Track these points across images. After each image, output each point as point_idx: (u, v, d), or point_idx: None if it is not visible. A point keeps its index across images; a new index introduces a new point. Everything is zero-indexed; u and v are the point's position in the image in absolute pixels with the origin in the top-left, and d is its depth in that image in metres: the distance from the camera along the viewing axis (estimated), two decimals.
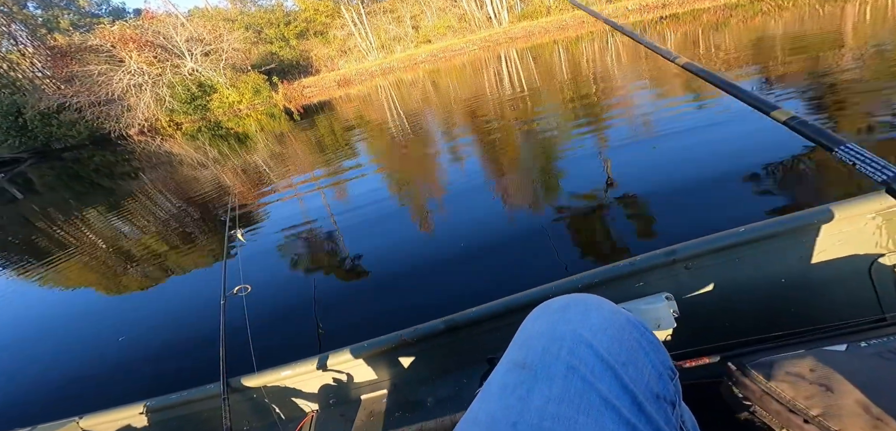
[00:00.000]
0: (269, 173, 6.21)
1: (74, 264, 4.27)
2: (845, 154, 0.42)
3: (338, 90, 16.39)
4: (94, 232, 5.82)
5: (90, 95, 14.84)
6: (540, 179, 3.53)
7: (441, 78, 12.76)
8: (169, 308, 2.88)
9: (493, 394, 0.34)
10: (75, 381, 2.33)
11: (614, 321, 0.37)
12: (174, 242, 4.31)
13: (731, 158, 2.77)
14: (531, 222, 2.82)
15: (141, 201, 6.80)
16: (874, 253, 0.85)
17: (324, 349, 1.15)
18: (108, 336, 2.72)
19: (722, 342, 0.74)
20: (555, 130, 4.64)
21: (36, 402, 2.25)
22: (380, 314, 2.22)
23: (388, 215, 3.57)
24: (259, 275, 2.85)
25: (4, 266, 5.08)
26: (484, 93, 8.25)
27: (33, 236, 6.26)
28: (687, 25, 10.84)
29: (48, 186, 11.12)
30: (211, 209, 5.40)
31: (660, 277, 0.94)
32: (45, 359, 2.65)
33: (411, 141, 6.03)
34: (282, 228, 3.85)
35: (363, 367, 1.15)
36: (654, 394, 0.34)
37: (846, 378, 0.46)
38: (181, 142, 12.78)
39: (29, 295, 4.00)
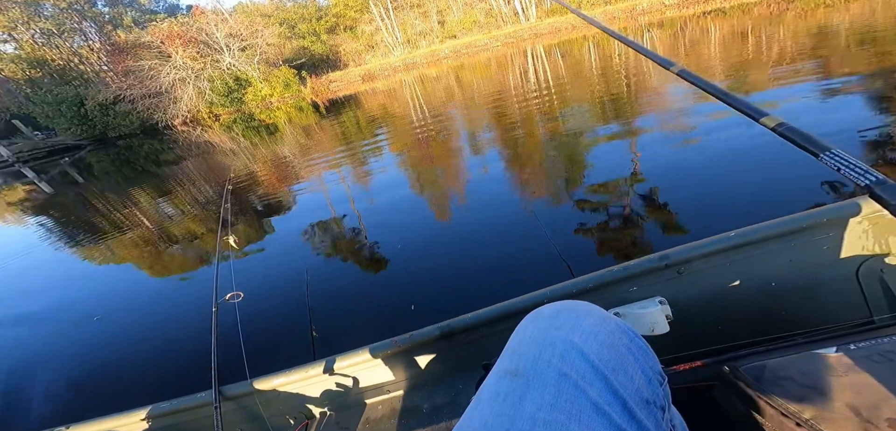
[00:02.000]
0: (273, 174, 6.17)
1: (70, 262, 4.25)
2: (831, 160, 0.42)
3: (362, 85, 16.41)
4: (126, 221, 5.93)
5: (142, 88, 15.70)
6: (561, 178, 3.35)
7: (465, 74, 12.47)
8: (160, 315, 2.79)
9: (485, 401, 0.34)
10: (61, 388, 2.25)
11: (604, 327, 0.37)
12: (169, 246, 4.27)
13: (782, 157, 2.51)
14: (549, 219, 2.71)
15: (165, 191, 6.98)
16: (862, 256, 0.83)
17: (318, 356, 1.12)
18: (93, 341, 2.65)
19: (715, 345, 0.75)
20: (581, 128, 4.41)
21: (20, 410, 2.18)
22: (375, 320, 2.16)
23: (391, 218, 3.44)
24: (252, 282, 2.78)
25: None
26: (508, 89, 7.96)
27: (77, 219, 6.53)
28: (734, 20, 9.56)
29: (104, 170, 11.86)
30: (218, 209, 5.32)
31: (653, 281, 0.92)
32: (29, 365, 2.56)
33: (426, 140, 5.84)
34: (277, 233, 3.75)
35: (358, 374, 1.12)
36: (645, 399, 0.33)
37: (837, 380, 0.46)
38: (218, 132, 13.28)
39: (21, 296, 3.88)
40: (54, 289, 3.78)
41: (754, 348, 0.61)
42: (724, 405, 0.58)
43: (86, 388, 2.21)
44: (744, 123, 3.24)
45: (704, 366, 0.66)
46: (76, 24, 23.23)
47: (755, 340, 0.71)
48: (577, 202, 2.80)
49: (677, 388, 0.64)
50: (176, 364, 2.18)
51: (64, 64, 22.90)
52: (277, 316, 2.35)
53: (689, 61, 6.55)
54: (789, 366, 0.51)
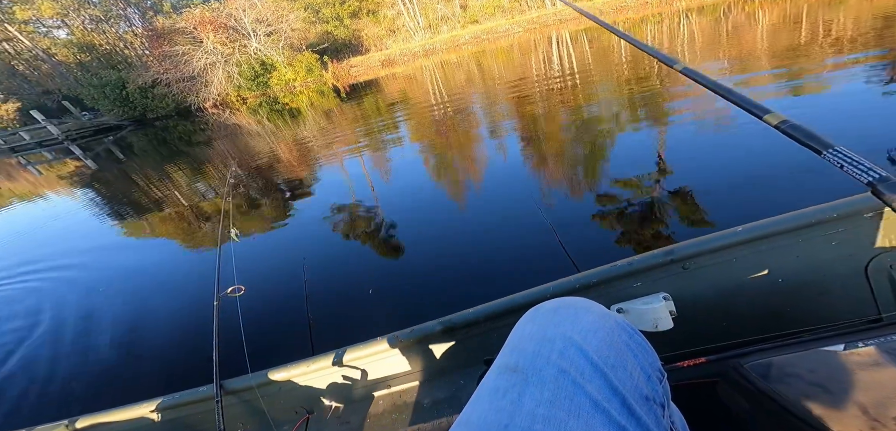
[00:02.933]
0: (284, 162, 6.19)
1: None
2: (834, 157, 0.42)
3: (382, 70, 16.30)
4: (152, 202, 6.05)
5: (176, 72, 16.29)
6: (580, 170, 3.21)
7: (486, 60, 12.01)
8: (161, 308, 2.76)
9: (484, 397, 0.33)
10: (63, 383, 2.23)
11: (604, 324, 0.37)
12: (175, 234, 4.30)
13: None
14: (565, 213, 2.61)
15: (187, 173, 7.11)
16: (871, 252, 0.80)
17: (318, 351, 1.11)
18: (93, 334, 2.61)
19: (719, 342, 0.75)
20: (604, 118, 4.17)
21: (24, 404, 2.15)
22: (377, 314, 2.13)
23: (398, 209, 3.36)
24: (254, 274, 2.76)
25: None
26: (530, 76, 7.67)
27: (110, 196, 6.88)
28: (787, 4, 8.54)
29: (142, 149, 12.43)
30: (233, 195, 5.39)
31: (657, 277, 0.90)
32: (30, 360, 2.52)
33: (441, 128, 5.71)
34: (281, 225, 3.69)
35: (359, 368, 1.10)
36: (644, 396, 0.33)
37: (844, 378, 0.45)
38: (245, 115, 13.60)
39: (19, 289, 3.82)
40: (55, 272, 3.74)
41: (760, 345, 0.60)
42: (728, 402, 0.56)
43: (86, 381, 2.19)
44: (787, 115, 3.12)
45: (708, 363, 0.65)
46: (121, 10, 24.34)
47: (761, 337, 0.69)
48: (597, 196, 2.66)
49: (681, 384, 0.65)
50: (177, 358, 2.16)
51: (110, 49, 24.16)
52: (279, 310, 2.33)
53: (731, 50, 5.94)
54: (796, 363, 0.50)
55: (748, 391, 0.52)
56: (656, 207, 2.37)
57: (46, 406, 2.10)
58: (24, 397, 2.22)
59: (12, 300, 3.36)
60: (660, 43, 7.78)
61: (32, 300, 3.27)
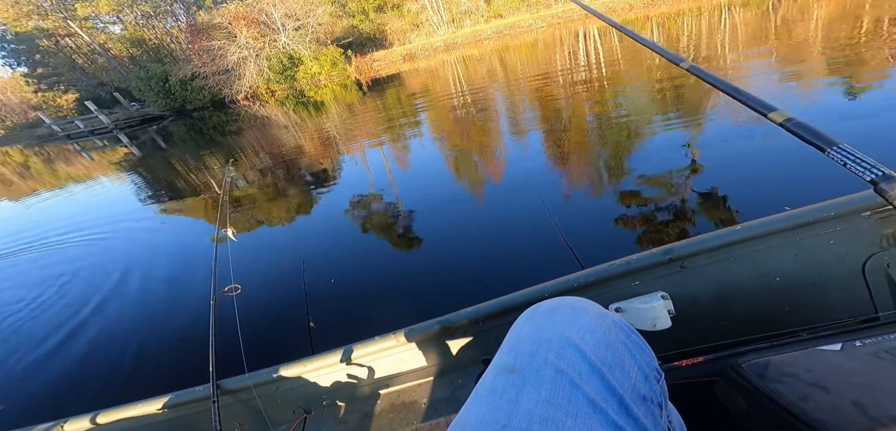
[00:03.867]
0: (293, 159, 6.20)
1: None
2: (837, 154, 0.41)
3: (403, 64, 16.24)
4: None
5: (213, 66, 17.00)
6: (606, 167, 3.05)
7: (510, 55, 11.60)
8: (157, 306, 2.72)
9: (482, 397, 0.33)
10: (56, 384, 2.20)
11: (601, 324, 0.36)
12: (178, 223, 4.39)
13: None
14: (585, 212, 2.50)
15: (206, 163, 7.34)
16: (868, 251, 0.79)
17: (316, 350, 1.10)
18: (88, 333, 2.57)
19: (717, 341, 0.77)
20: (632, 115, 3.99)
21: (15, 406, 2.12)
22: (373, 313, 2.10)
23: (404, 211, 3.28)
24: (251, 274, 2.73)
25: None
26: (554, 72, 7.37)
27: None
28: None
29: (181, 138, 13.09)
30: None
31: (656, 276, 0.89)
32: (23, 361, 2.46)
33: (458, 124, 5.59)
34: (277, 224, 3.65)
35: (356, 368, 1.10)
36: (641, 396, 0.33)
37: (841, 377, 0.45)
38: (273, 107, 14.01)
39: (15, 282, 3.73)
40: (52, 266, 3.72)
41: (758, 344, 0.59)
42: (725, 401, 0.56)
43: (80, 381, 2.16)
44: (836, 115, 2.88)
45: (706, 362, 0.65)
46: (169, 6, 25.75)
47: (759, 336, 0.69)
48: (620, 194, 2.55)
49: (678, 384, 0.64)
50: (173, 358, 2.14)
51: (158, 43, 25.68)
52: (276, 309, 2.30)
53: (779, 45, 5.36)
54: (793, 363, 0.50)
55: (746, 390, 0.52)
56: (683, 209, 2.27)
57: (35, 406, 2.06)
58: (15, 398, 2.17)
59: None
60: (697, 40, 7.13)
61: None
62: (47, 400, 2.09)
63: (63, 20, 24.67)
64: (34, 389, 2.21)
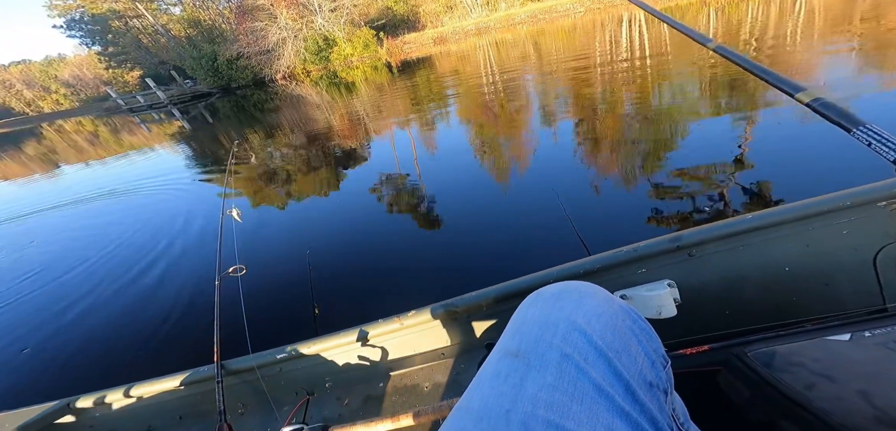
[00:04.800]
0: (304, 142, 6.18)
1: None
2: (863, 134, 0.41)
3: (433, 47, 16.07)
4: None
5: (255, 46, 17.79)
6: (639, 162, 2.82)
7: (545, 40, 11.06)
8: (161, 286, 2.68)
9: (486, 381, 0.33)
10: (62, 362, 2.19)
11: (608, 309, 0.36)
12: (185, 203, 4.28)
13: None
14: (620, 205, 2.34)
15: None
16: (881, 242, 0.77)
17: (320, 332, 1.10)
18: (92, 313, 2.56)
19: (723, 330, 0.77)
20: (674, 108, 3.70)
21: (22, 384, 2.11)
22: (379, 297, 2.07)
23: (418, 193, 3.22)
24: (256, 254, 2.70)
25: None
26: (593, 58, 6.91)
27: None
28: None
29: (226, 114, 13.95)
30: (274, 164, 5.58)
31: (663, 263, 0.87)
32: (29, 339, 2.45)
33: (485, 109, 5.41)
34: (284, 205, 3.63)
35: (360, 350, 1.09)
36: (648, 382, 0.32)
37: (849, 368, 0.45)
38: (308, 86, 14.49)
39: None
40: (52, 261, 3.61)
41: (764, 333, 0.59)
42: (730, 390, 0.56)
43: (85, 360, 2.16)
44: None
45: (712, 351, 0.64)
46: None
47: (766, 325, 0.70)
48: (653, 187, 2.41)
49: (683, 372, 0.62)
50: (177, 338, 2.13)
51: (211, 24, 27.35)
52: (281, 290, 2.29)
53: (867, 33, 4.63)
54: (800, 352, 0.50)
55: (751, 379, 0.52)
56: (728, 204, 2.13)
57: (42, 384, 2.06)
58: (15, 374, 2.18)
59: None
60: (761, 27, 6.28)
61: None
62: (48, 380, 2.09)
63: (132, 2, 26.92)
64: (33, 367, 2.21)
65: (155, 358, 2.03)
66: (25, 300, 2.95)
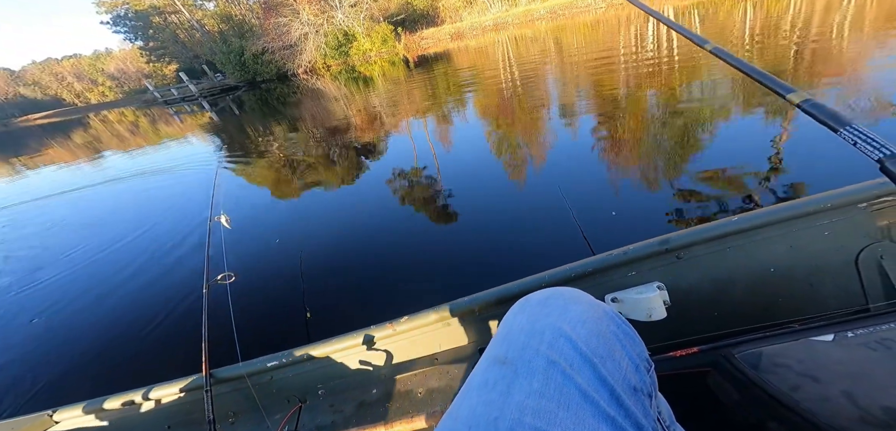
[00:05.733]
0: (284, 145, 6.13)
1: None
2: (849, 134, 0.42)
3: (451, 43, 15.90)
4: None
5: (279, 41, 18.30)
6: (667, 165, 2.65)
7: (565, 36, 10.83)
8: (148, 294, 2.59)
9: (474, 390, 0.33)
10: (42, 372, 2.10)
11: (592, 314, 0.36)
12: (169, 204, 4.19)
13: None
14: (644, 208, 2.22)
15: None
16: (862, 242, 0.80)
17: (312, 339, 1.07)
18: (78, 321, 2.48)
19: (712, 332, 0.77)
20: (708, 105, 3.50)
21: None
22: (371, 302, 2.03)
23: (397, 198, 3.17)
24: (244, 263, 2.62)
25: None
26: (616, 55, 6.61)
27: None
28: None
29: (251, 107, 14.44)
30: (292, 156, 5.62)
31: (652, 266, 0.88)
32: (7, 346, 2.38)
33: (502, 107, 5.26)
34: (271, 212, 3.50)
35: (352, 357, 1.08)
36: (632, 386, 0.33)
37: (833, 368, 0.46)
38: (328, 80, 14.75)
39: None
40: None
41: (751, 335, 0.60)
42: (718, 391, 0.56)
43: (69, 370, 2.07)
44: None
45: (701, 352, 0.65)
46: None
47: (753, 327, 0.70)
48: (677, 192, 2.30)
49: (672, 374, 0.65)
50: (165, 347, 2.06)
51: (241, 19, 28.40)
52: (271, 297, 2.24)
53: None
54: (785, 353, 0.50)
55: (738, 381, 0.52)
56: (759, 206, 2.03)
57: (20, 396, 1.98)
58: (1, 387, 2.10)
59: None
60: (805, 21, 5.77)
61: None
62: (27, 391, 2.01)
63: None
64: (9, 378, 2.13)
65: (140, 368, 1.96)
66: (9, 301, 2.87)
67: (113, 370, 2.00)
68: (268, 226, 3.20)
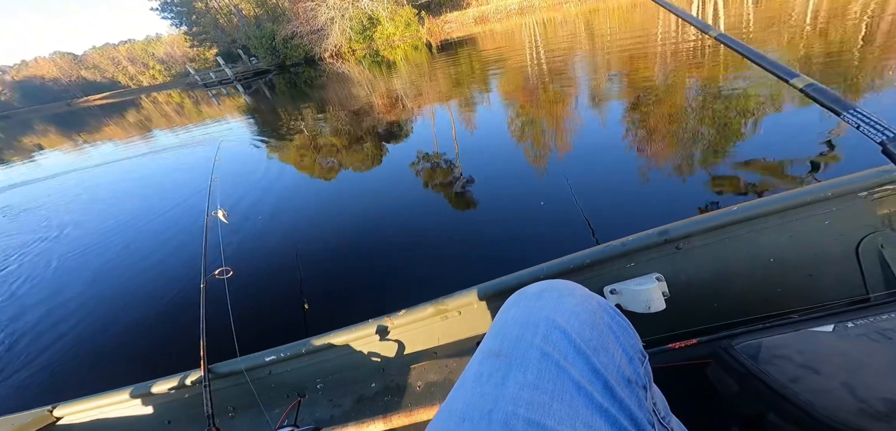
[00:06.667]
0: (283, 135, 6.06)
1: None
2: (852, 117, 0.43)
3: (475, 27, 15.52)
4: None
5: (307, 25, 18.69)
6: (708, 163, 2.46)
7: (598, 19, 10.20)
8: (145, 290, 2.57)
9: (469, 382, 0.33)
10: (42, 368, 2.09)
11: (586, 306, 0.36)
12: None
13: None
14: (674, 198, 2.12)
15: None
16: (862, 232, 0.79)
17: (310, 333, 1.07)
18: (76, 316, 2.45)
19: (711, 323, 0.77)
20: (754, 91, 3.21)
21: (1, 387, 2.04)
22: (370, 296, 2.01)
23: (397, 190, 3.11)
24: (242, 257, 2.60)
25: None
26: (653, 38, 6.21)
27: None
28: None
29: (281, 90, 14.96)
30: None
31: (651, 257, 0.87)
32: (8, 345, 2.36)
33: (527, 95, 5.05)
34: (268, 206, 3.43)
35: (351, 351, 1.07)
36: (626, 378, 0.33)
37: (832, 359, 0.46)
38: (353, 64, 14.97)
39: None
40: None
41: (751, 326, 0.60)
42: (718, 383, 0.56)
43: (68, 366, 2.07)
44: None
45: (700, 344, 0.64)
46: None
47: (752, 317, 0.70)
48: (712, 179, 2.20)
49: (672, 366, 0.64)
50: (163, 342, 2.06)
51: (275, 3, 29.22)
52: (269, 292, 2.23)
53: None
54: (785, 344, 0.50)
55: (738, 372, 0.52)
56: None
57: (21, 391, 1.99)
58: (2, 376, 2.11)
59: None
60: (878, 10, 5.09)
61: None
62: (27, 387, 2.01)
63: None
64: (12, 374, 2.14)
65: (138, 364, 1.97)
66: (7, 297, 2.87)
67: (111, 368, 2.00)
68: (265, 217, 3.14)
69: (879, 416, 0.38)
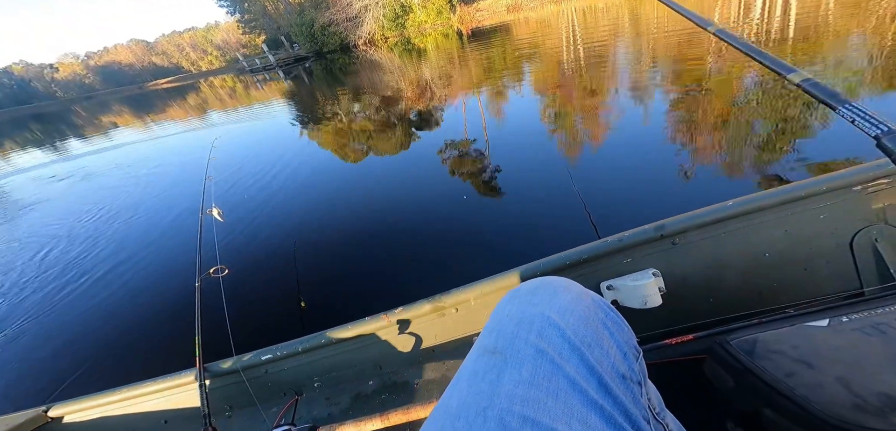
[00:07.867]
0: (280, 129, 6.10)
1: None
2: (847, 111, 0.43)
3: (507, 15, 14.94)
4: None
5: (343, 13, 19.11)
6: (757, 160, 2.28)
7: (644, 7, 9.43)
8: (140, 288, 2.54)
9: (464, 380, 0.33)
10: (37, 368, 2.06)
11: (580, 302, 0.36)
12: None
13: None
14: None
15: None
16: (856, 226, 0.79)
17: (307, 331, 1.07)
18: (69, 315, 2.42)
19: (707, 318, 0.78)
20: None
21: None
22: (367, 294, 2.00)
23: (395, 188, 3.08)
24: (238, 255, 2.55)
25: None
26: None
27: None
28: None
29: (318, 76, 15.47)
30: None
31: (647, 252, 0.88)
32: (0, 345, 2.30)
33: (563, 92, 4.73)
34: (266, 204, 3.35)
35: (347, 349, 1.06)
36: (620, 374, 0.32)
37: (827, 354, 0.45)
38: (385, 51, 15.12)
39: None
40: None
41: (746, 321, 0.59)
42: (713, 378, 0.56)
43: (63, 365, 2.02)
44: None
45: (696, 340, 0.64)
46: None
47: (747, 313, 0.72)
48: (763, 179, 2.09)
49: (668, 362, 0.65)
50: (158, 342, 2.04)
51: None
52: (265, 289, 2.20)
53: None
54: (780, 340, 0.50)
55: (733, 368, 0.52)
56: None
57: (15, 391, 1.95)
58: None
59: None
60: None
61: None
62: (21, 386, 1.98)
63: None
64: (5, 373, 2.09)
65: (133, 364, 1.95)
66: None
67: (106, 367, 1.96)
68: (260, 214, 3.09)
69: (874, 410, 0.38)
